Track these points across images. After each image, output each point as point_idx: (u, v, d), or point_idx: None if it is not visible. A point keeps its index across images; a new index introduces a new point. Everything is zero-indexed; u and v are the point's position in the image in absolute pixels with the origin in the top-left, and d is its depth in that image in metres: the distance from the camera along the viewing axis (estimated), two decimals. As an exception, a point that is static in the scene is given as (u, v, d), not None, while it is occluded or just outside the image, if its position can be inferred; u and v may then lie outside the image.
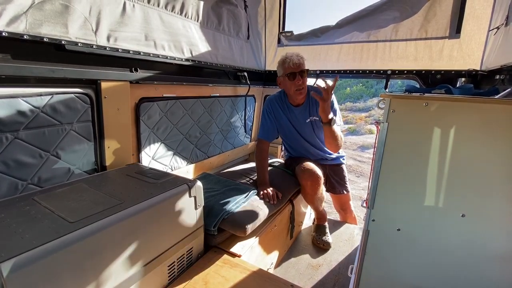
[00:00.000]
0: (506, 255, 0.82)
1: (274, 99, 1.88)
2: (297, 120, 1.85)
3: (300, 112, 1.82)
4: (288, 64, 1.66)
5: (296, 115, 1.83)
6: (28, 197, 0.92)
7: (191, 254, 1.18)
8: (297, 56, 1.67)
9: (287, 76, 1.67)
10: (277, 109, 1.86)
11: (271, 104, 1.87)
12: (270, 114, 1.87)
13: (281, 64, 1.71)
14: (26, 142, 1.02)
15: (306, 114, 1.82)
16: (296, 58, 1.66)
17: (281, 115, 1.86)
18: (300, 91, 1.71)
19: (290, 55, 1.68)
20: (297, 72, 1.65)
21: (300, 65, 1.66)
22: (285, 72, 1.68)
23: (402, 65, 2.00)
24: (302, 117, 1.83)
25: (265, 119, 1.88)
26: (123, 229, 0.85)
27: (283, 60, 1.70)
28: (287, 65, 1.66)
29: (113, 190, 1.01)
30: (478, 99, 0.78)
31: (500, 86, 1.42)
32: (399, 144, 0.88)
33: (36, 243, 0.67)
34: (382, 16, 1.93)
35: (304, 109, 1.81)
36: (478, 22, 1.71)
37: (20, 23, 0.91)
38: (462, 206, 0.84)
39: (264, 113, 1.89)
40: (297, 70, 1.65)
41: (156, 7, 1.41)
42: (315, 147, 1.92)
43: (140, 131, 1.49)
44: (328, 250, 1.83)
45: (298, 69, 1.65)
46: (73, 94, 1.14)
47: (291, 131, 1.89)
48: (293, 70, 1.65)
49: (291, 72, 1.65)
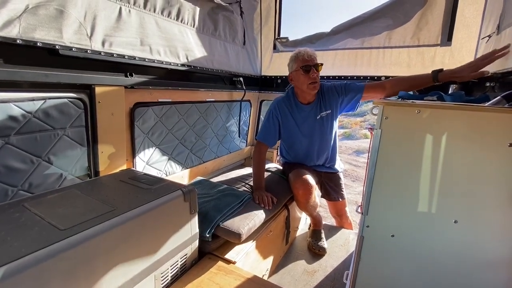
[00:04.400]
0: (498, 261, 0.83)
1: (282, 100, 1.82)
2: (305, 119, 1.79)
3: (312, 109, 1.77)
4: (302, 57, 1.61)
5: (306, 114, 1.78)
6: (18, 204, 0.91)
7: (185, 261, 1.17)
8: (310, 50, 1.63)
9: (302, 68, 1.60)
10: (284, 111, 1.80)
11: (279, 106, 1.80)
12: (275, 117, 1.81)
13: (294, 59, 1.66)
14: (17, 148, 1.00)
15: (317, 110, 1.77)
16: (310, 51, 1.62)
17: (288, 117, 1.81)
18: (314, 85, 1.64)
19: (303, 50, 1.63)
20: (311, 65, 1.60)
21: (314, 58, 1.62)
22: (299, 65, 1.62)
23: (395, 72, 2.03)
24: (313, 114, 1.77)
25: (268, 122, 1.82)
26: (115, 236, 0.83)
27: (296, 54, 1.65)
28: (301, 58, 1.61)
29: (105, 196, 0.99)
30: (468, 106, 0.79)
31: (491, 93, 1.45)
32: (393, 151, 0.89)
33: (25, 252, 0.66)
34: (376, 23, 1.97)
35: (315, 105, 1.77)
36: (468, 30, 1.76)
37: (13, 27, 0.91)
38: (454, 212, 0.84)
39: (270, 115, 1.82)
40: (311, 63, 1.60)
41: (152, 12, 1.41)
42: (316, 151, 1.88)
43: (134, 136, 1.48)
44: (324, 255, 1.83)
45: (312, 62, 1.61)
46: (67, 98, 1.13)
47: (295, 134, 1.85)
48: (307, 62, 1.59)
49: (305, 64, 1.59)
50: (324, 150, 1.90)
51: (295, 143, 1.91)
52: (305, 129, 1.82)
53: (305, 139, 1.85)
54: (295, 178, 1.74)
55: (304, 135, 1.84)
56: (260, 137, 1.84)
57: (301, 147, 1.90)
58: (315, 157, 1.91)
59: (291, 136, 1.88)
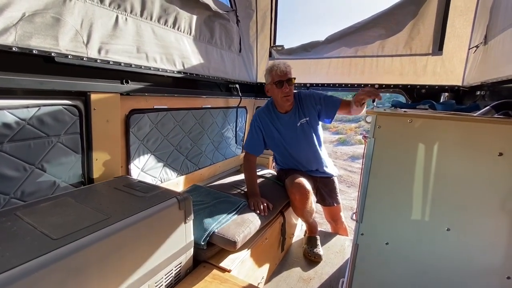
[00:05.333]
0: (490, 268, 0.84)
1: (262, 111, 1.90)
2: (286, 127, 1.85)
3: (290, 118, 1.84)
4: (275, 72, 1.71)
5: (286, 122, 1.85)
6: (10, 212, 0.89)
7: (180, 269, 1.16)
8: (284, 64, 1.72)
9: (275, 84, 1.71)
10: (266, 122, 1.88)
11: (260, 117, 1.89)
12: (257, 128, 1.89)
13: (269, 72, 1.75)
14: (10, 155, 0.99)
15: (296, 118, 1.84)
16: (283, 66, 1.71)
17: (270, 127, 1.88)
18: (287, 97, 1.74)
19: (277, 63, 1.72)
20: (284, 80, 1.69)
21: (287, 73, 1.71)
22: (272, 80, 1.73)
23: (388, 80, 2.07)
24: (292, 122, 1.84)
25: (251, 133, 1.91)
26: (109, 245, 0.82)
27: (271, 68, 1.74)
28: (274, 73, 1.71)
29: (99, 204, 0.98)
30: (458, 117, 0.81)
31: (481, 101, 1.49)
32: (386, 159, 0.90)
33: (16, 262, 0.65)
34: (369, 33, 2.01)
35: (294, 113, 1.84)
36: (459, 40, 1.81)
37: (9, 35, 0.91)
38: (447, 220, 0.86)
39: (252, 127, 1.91)
40: (284, 78, 1.69)
41: (149, 20, 1.42)
42: (304, 157, 1.92)
43: (129, 143, 1.47)
44: (319, 262, 1.82)
45: (285, 77, 1.70)
46: (61, 106, 1.12)
47: (281, 142, 1.90)
48: (280, 78, 1.69)
49: (278, 80, 1.70)
50: (312, 155, 1.93)
51: (282, 151, 1.96)
52: (287, 137, 1.88)
53: (290, 146, 1.90)
54: (292, 183, 1.75)
55: (288, 142, 1.89)
56: (246, 147, 1.92)
57: (289, 154, 1.94)
58: (305, 162, 1.94)
59: (277, 145, 1.94)
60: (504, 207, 0.78)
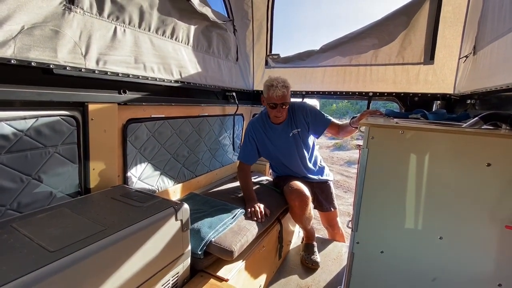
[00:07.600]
0: (482, 275, 0.86)
1: (256, 122, 1.93)
2: (279, 137, 1.88)
3: (283, 128, 1.87)
4: (271, 94, 1.69)
5: (278, 132, 1.88)
6: (6, 224, 0.89)
7: (177, 279, 1.15)
8: (282, 85, 1.68)
9: (269, 104, 1.74)
10: (259, 132, 1.90)
11: (253, 128, 1.92)
12: (251, 138, 1.91)
13: (267, 89, 1.73)
14: (7, 166, 0.99)
15: (288, 128, 1.87)
16: (280, 89, 1.66)
17: (263, 137, 1.90)
18: (278, 118, 1.80)
19: (276, 83, 1.68)
20: (278, 104, 1.71)
21: (283, 97, 1.69)
22: (268, 100, 1.74)
23: (382, 88, 2.11)
24: (285, 132, 1.87)
25: (245, 143, 1.94)
26: (106, 257, 0.83)
27: (269, 86, 1.70)
28: (271, 94, 1.69)
29: (96, 215, 0.99)
30: (448, 129, 0.84)
31: (471, 110, 1.53)
32: (379, 169, 0.92)
33: (13, 276, 0.65)
34: (362, 42, 2.06)
35: (286, 124, 1.87)
36: (449, 50, 1.86)
37: (8, 48, 0.92)
38: (439, 229, 0.88)
39: (246, 137, 1.94)
40: (279, 102, 1.71)
41: (147, 31, 1.44)
42: (298, 166, 1.94)
43: (126, 152, 1.48)
44: (317, 269, 1.83)
45: (280, 101, 1.70)
46: (59, 116, 1.13)
47: (274, 152, 1.93)
48: (275, 101, 1.71)
49: (273, 103, 1.72)
50: (307, 163, 1.96)
51: (276, 160, 2.00)
52: (281, 146, 1.90)
53: (284, 156, 1.93)
54: (291, 190, 1.76)
55: (281, 152, 1.92)
56: (240, 157, 1.95)
57: (282, 163, 1.97)
58: (300, 171, 1.97)
59: (270, 154, 1.97)
60: (494, 216, 0.80)
